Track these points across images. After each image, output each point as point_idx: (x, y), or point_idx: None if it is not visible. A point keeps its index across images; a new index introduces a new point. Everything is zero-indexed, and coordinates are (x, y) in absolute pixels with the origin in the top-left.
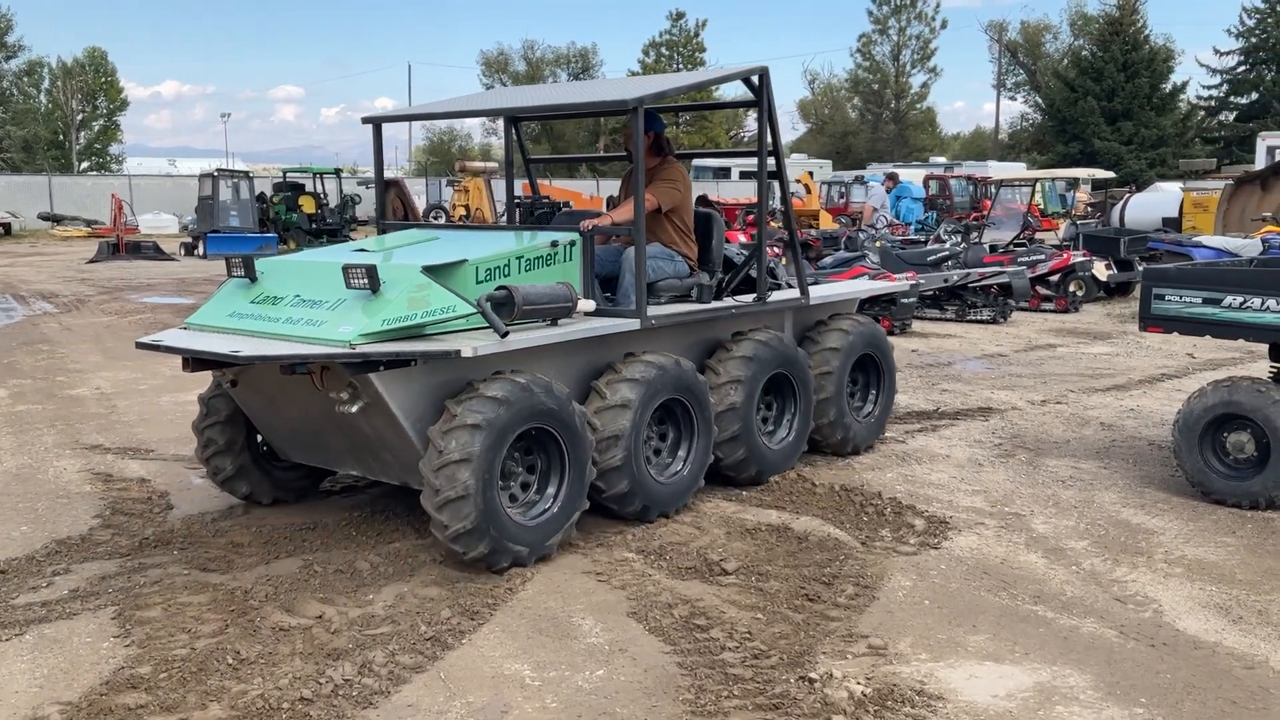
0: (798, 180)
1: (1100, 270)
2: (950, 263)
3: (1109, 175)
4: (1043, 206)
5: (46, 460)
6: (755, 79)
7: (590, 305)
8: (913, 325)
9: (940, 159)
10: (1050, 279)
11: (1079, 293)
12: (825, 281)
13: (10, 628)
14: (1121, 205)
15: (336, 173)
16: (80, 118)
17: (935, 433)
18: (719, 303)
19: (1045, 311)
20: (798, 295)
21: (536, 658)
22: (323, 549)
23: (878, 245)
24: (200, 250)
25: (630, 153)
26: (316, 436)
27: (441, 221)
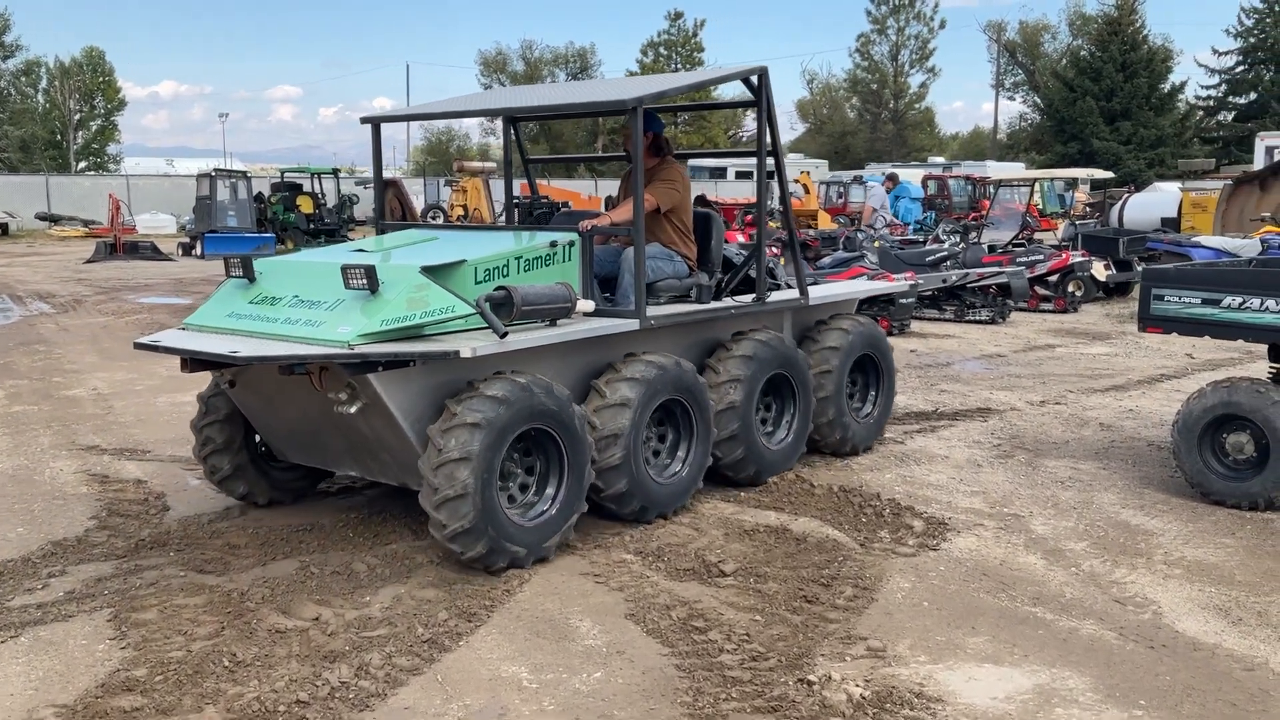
0: (796, 180)
1: (1099, 270)
2: (949, 263)
3: (1108, 175)
4: (1041, 207)
5: (43, 461)
6: (754, 79)
7: (589, 306)
8: (911, 325)
9: (939, 159)
10: (1049, 279)
11: (1078, 293)
12: (823, 282)
13: (5, 630)
14: (1120, 205)
15: (334, 173)
16: (78, 117)
17: (934, 433)
18: (718, 303)
19: (1044, 312)
20: (797, 296)
21: (534, 660)
22: (319, 550)
23: (876, 245)
24: (198, 250)
25: (629, 153)
26: (315, 437)
27: (439, 221)
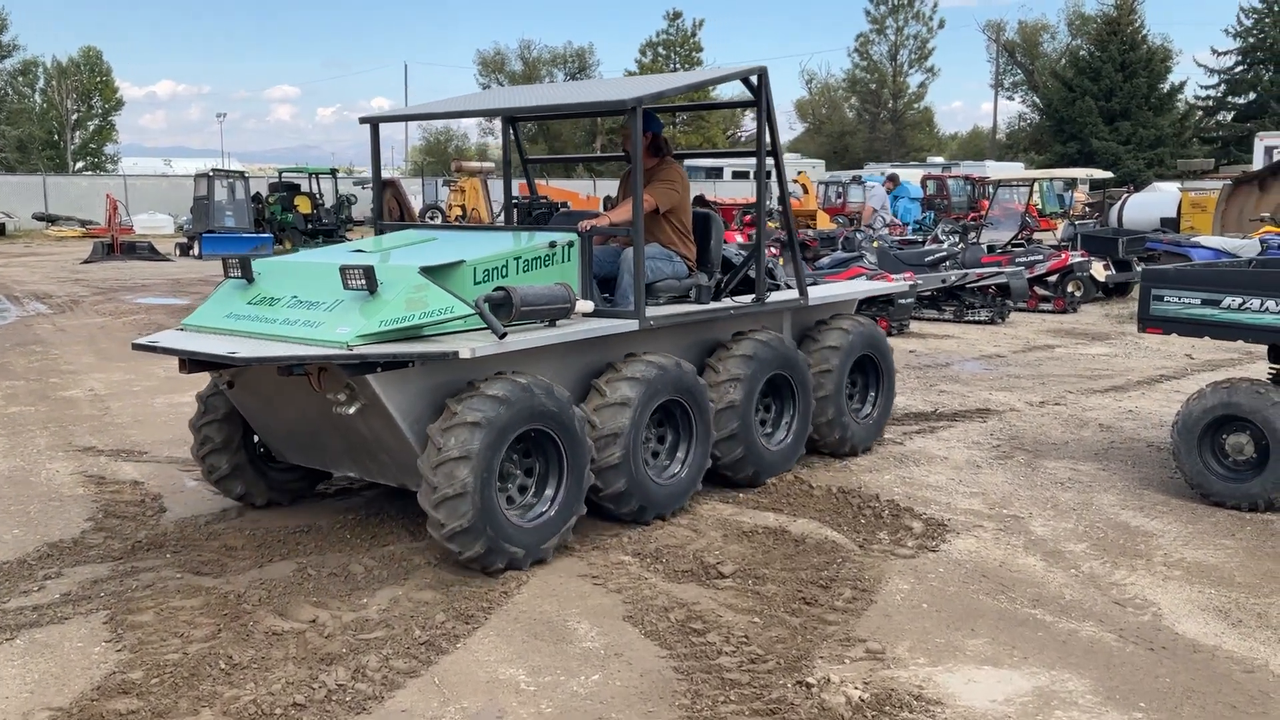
0: (795, 180)
1: (1098, 271)
2: (948, 263)
3: (1107, 175)
4: (1040, 207)
5: (39, 463)
6: (754, 79)
7: (588, 306)
8: (910, 326)
9: (938, 159)
10: (1048, 279)
11: (1077, 293)
12: (822, 282)
13: (1, 632)
14: (1119, 205)
15: (332, 173)
16: (75, 117)
17: (933, 434)
18: (717, 303)
19: (1043, 312)
20: (796, 296)
21: (531, 662)
22: (317, 552)
23: (875, 246)
24: (195, 251)
25: (628, 153)
26: (314, 438)
27: (438, 222)
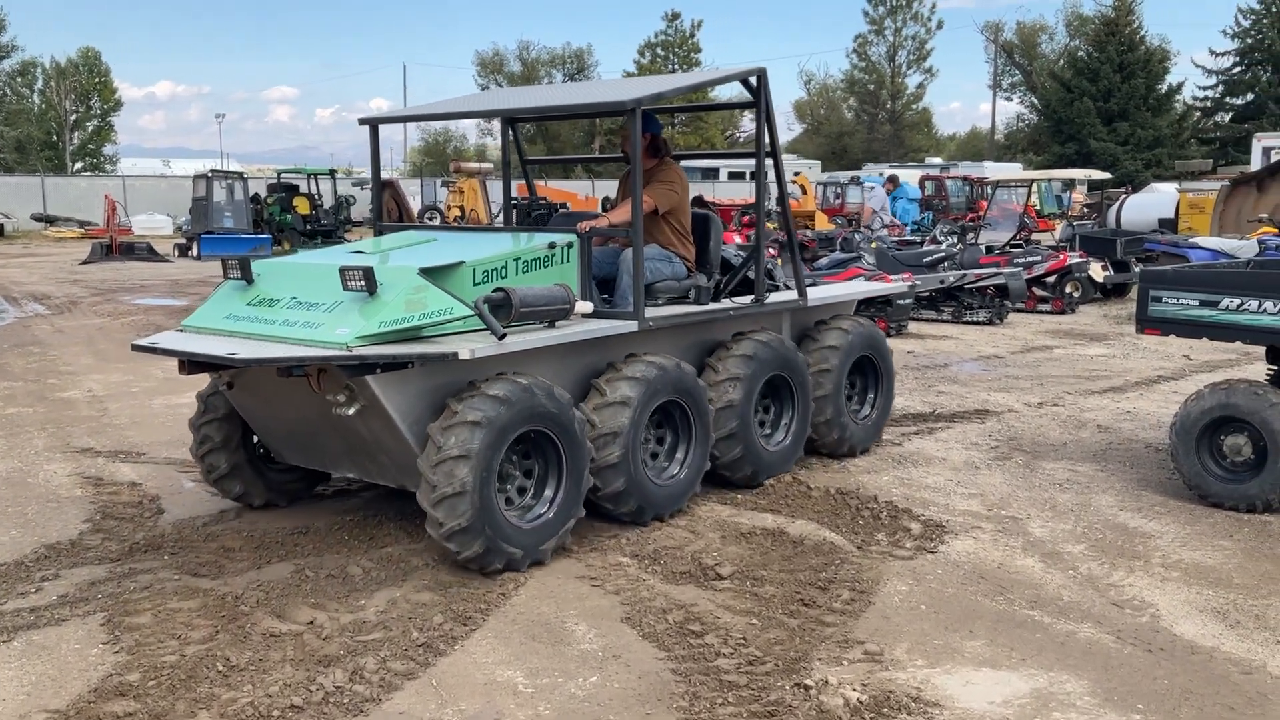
0: (793, 180)
1: (1096, 272)
2: (946, 264)
3: (1105, 176)
4: (1039, 207)
5: (36, 464)
6: (753, 80)
7: (588, 307)
8: (909, 327)
9: (936, 160)
10: (1046, 280)
11: (1075, 294)
12: (821, 283)
13: None
14: (1118, 206)
15: (331, 174)
16: (74, 118)
17: (931, 435)
18: (717, 304)
19: (1041, 313)
20: (795, 297)
21: (529, 664)
22: (314, 554)
23: (873, 246)
24: (194, 251)
25: (627, 154)
26: (313, 439)
27: (436, 222)
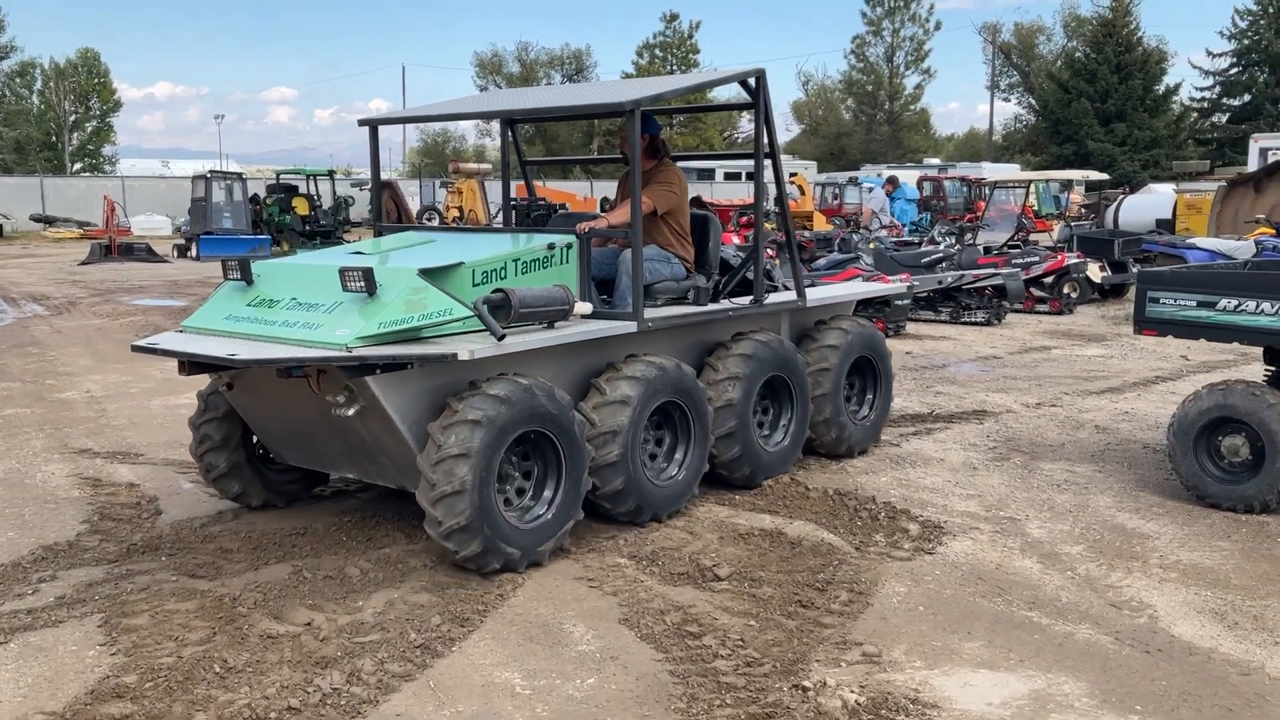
0: (792, 181)
1: (1094, 272)
2: (944, 264)
3: (1103, 177)
4: (1037, 208)
5: (34, 465)
6: (752, 81)
7: (587, 308)
8: (907, 327)
9: (934, 160)
10: (1044, 281)
11: (1073, 295)
12: (819, 283)
13: None
14: (1115, 207)
15: (330, 174)
16: (73, 119)
17: (930, 436)
18: (716, 305)
19: (1039, 313)
20: (794, 298)
21: (527, 665)
22: (312, 555)
23: (871, 247)
24: (193, 252)
25: (626, 155)
26: (313, 439)
27: (435, 223)
